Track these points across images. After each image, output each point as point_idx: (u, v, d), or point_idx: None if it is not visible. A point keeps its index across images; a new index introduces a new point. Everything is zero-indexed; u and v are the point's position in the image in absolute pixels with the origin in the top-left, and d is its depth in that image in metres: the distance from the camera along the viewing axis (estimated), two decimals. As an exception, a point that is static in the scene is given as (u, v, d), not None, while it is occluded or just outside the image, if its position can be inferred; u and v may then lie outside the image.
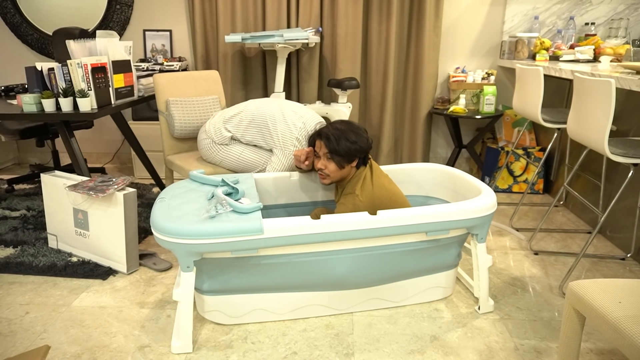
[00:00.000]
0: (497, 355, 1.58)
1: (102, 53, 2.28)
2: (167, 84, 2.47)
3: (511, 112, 3.32)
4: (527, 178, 3.16)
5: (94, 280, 2.06)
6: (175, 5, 3.46)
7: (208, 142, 2.24)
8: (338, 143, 1.75)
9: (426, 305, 1.86)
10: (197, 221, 1.49)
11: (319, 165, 1.82)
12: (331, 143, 1.76)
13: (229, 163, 2.24)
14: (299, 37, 2.86)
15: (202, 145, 2.26)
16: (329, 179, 1.82)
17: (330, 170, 1.79)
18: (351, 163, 1.79)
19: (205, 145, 2.25)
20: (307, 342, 1.64)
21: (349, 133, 1.77)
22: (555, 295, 1.94)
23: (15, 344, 1.64)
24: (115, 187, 2.01)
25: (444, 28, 3.38)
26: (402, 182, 2.15)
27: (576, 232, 2.56)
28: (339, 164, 1.77)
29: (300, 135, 2.08)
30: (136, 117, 3.35)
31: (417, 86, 3.37)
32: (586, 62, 2.81)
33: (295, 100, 3.44)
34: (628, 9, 3.21)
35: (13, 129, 2.93)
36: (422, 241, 1.69)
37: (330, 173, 1.80)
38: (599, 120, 1.79)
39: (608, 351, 1.60)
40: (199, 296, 1.71)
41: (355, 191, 1.78)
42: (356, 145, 1.76)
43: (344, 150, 1.75)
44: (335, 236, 1.56)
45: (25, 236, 2.44)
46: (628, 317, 1.09)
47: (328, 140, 1.77)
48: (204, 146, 2.26)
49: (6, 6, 3.49)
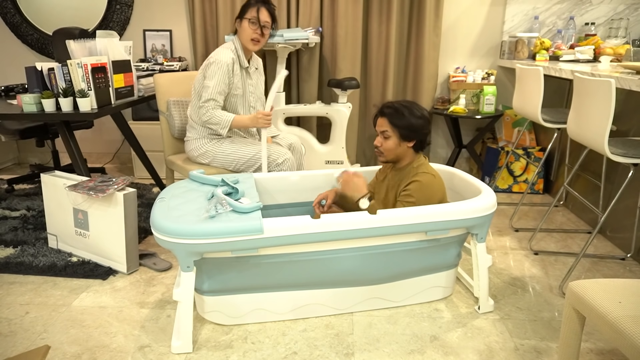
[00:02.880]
0: (497, 355, 1.58)
1: (102, 53, 2.28)
2: (168, 84, 2.47)
3: (511, 112, 3.32)
4: (527, 178, 3.16)
5: (94, 280, 2.06)
6: (175, 5, 3.46)
7: (197, 142, 2.25)
8: (401, 116, 1.74)
9: (426, 305, 1.86)
10: (197, 221, 1.49)
11: (375, 142, 1.82)
12: (394, 115, 1.74)
13: (220, 160, 2.24)
14: (299, 37, 2.86)
15: (191, 147, 2.28)
16: (384, 157, 1.82)
17: (386, 147, 1.78)
18: (409, 142, 1.77)
19: (193, 146, 2.26)
20: (307, 342, 1.64)
21: (414, 108, 1.76)
22: (555, 295, 1.94)
23: (15, 344, 1.64)
24: (115, 187, 2.01)
25: (444, 28, 3.38)
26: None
27: (576, 232, 2.56)
28: (400, 137, 1.75)
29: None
30: (136, 117, 3.35)
31: (417, 86, 3.37)
32: (586, 62, 2.81)
33: (295, 100, 3.44)
34: (628, 9, 3.21)
35: (13, 129, 2.92)
36: (422, 241, 1.69)
37: (384, 151, 1.79)
38: (599, 120, 1.79)
39: (608, 351, 1.60)
40: (199, 297, 1.71)
41: (430, 171, 1.77)
42: (420, 121, 1.75)
43: (407, 123, 1.73)
44: (335, 235, 1.56)
45: (25, 236, 2.44)
46: (628, 317, 1.09)
47: (391, 112, 1.75)
48: (192, 148, 2.27)
49: (6, 6, 3.49)
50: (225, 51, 2.17)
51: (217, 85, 2.13)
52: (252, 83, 2.30)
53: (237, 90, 2.23)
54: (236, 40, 2.23)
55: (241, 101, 2.26)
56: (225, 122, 2.15)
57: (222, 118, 2.15)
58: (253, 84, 2.32)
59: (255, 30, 2.16)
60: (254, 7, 2.15)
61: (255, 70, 2.34)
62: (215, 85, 2.13)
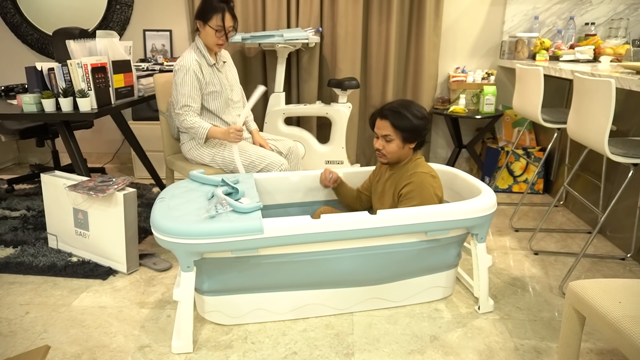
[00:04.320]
0: (497, 355, 1.58)
1: (102, 53, 2.28)
2: (168, 84, 2.47)
3: (511, 112, 3.32)
4: (527, 178, 3.16)
5: (94, 280, 2.06)
6: (175, 5, 3.46)
7: (191, 144, 2.27)
8: (404, 118, 1.73)
9: (426, 305, 1.86)
10: (197, 221, 1.49)
11: (377, 145, 1.81)
12: (396, 118, 1.73)
13: (219, 162, 2.24)
14: (299, 37, 2.86)
15: (188, 148, 2.28)
16: (386, 159, 1.81)
17: (389, 150, 1.78)
18: (412, 143, 1.77)
19: (189, 147, 2.27)
20: (307, 342, 1.64)
21: (414, 109, 1.75)
22: (555, 295, 1.94)
23: (15, 344, 1.64)
24: (115, 187, 2.01)
25: (444, 28, 3.38)
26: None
27: (576, 232, 2.56)
28: (403, 140, 1.75)
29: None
30: (136, 117, 3.35)
31: (417, 86, 3.37)
32: (586, 62, 2.81)
33: (295, 100, 3.44)
34: (628, 9, 3.21)
35: (13, 129, 2.93)
36: (422, 241, 1.69)
37: (387, 154, 1.79)
38: (599, 120, 1.79)
39: (608, 351, 1.60)
40: (199, 297, 1.71)
41: (428, 170, 1.77)
42: (422, 121, 1.75)
43: (409, 126, 1.73)
44: (336, 236, 1.56)
45: (25, 236, 2.44)
46: (628, 317, 1.09)
47: (393, 114, 1.74)
48: (189, 149, 2.27)
49: (6, 6, 3.49)
50: (188, 55, 2.17)
51: (189, 91, 2.15)
52: (225, 77, 2.30)
53: (214, 87, 2.22)
54: (199, 41, 2.22)
55: (220, 96, 2.26)
56: (201, 134, 2.18)
57: (198, 129, 2.17)
58: (227, 77, 2.32)
59: (221, 37, 2.17)
60: (218, 14, 2.12)
61: (224, 64, 2.33)
62: (186, 91, 2.15)
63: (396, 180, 1.82)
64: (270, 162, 2.18)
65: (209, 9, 2.13)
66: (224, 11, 2.12)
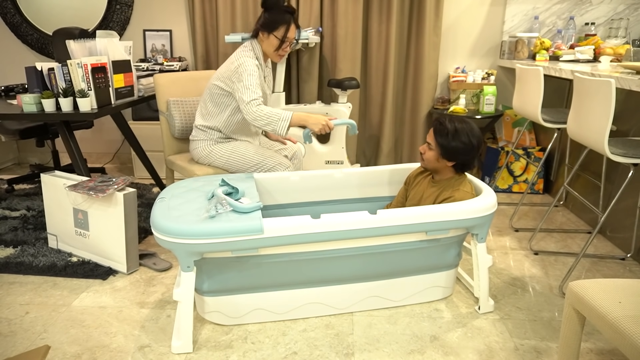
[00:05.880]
0: (497, 355, 1.58)
1: (102, 53, 2.28)
2: (168, 84, 2.47)
3: (511, 112, 3.32)
4: (527, 178, 3.16)
5: (94, 280, 2.06)
6: (175, 5, 3.46)
7: (204, 143, 2.24)
8: (446, 136, 1.77)
9: (426, 305, 1.86)
10: (197, 221, 1.49)
11: (420, 148, 1.89)
12: (440, 133, 1.78)
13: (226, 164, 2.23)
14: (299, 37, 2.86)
15: (196, 147, 2.26)
16: (424, 164, 1.89)
17: (427, 157, 1.85)
18: (449, 161, 1.81)
19: (199, 146, 2.25)
20: (307, 342, 1.64)
21: (462, 132, 1.77)
22: (555, 295, 1.94)
23: (15, 344, 1.64)
24: (115, 187, 2.01)
25: (444, 28, 3.38)
26: (403, 182, 2.15)
27: (576, 232, 2.56)
28: (440, 154, 1.80)
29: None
30: (136, 117, 3.35)
31: (417, 86, 3.37)
32: (586, 62, 2.81)
33: (295, 100, 3.44)
34: (628, 9, 3.21)
35: (13, 129, 2.92)
36: (422, 241, 1.69)
37: (425, 159, 1.86)
38: (599, 120, 1.79)
39: (608, 351, 1.60)
40: (199, 297, 1.71)
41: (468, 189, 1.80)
42: (462, 146, 1.76)
43: (448, 145, 1.77)
44: (336, 235, 1.56)
45: (25, 236, 2.44)
46: (628, 317, 1.09)
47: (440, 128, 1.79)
48: (198, 147, 2.26)
49: (6, 6, 3.49)
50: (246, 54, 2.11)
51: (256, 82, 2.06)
52: (266, 84, 2.29)
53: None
54: (256, 46, 2.15)
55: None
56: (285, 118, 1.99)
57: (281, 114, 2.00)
58: (267, 82, 2.32)
59: (285, 48, 2.14)
60: (286, 25, 2.08)
61: (267, 68, 2.34)
62: (253, 82, 2.04)
63: (438, 192, 1.85)
64: (278, 162, 2.19)
65: (279, 20, 2.09)
66: (289, 23, 2.10)
